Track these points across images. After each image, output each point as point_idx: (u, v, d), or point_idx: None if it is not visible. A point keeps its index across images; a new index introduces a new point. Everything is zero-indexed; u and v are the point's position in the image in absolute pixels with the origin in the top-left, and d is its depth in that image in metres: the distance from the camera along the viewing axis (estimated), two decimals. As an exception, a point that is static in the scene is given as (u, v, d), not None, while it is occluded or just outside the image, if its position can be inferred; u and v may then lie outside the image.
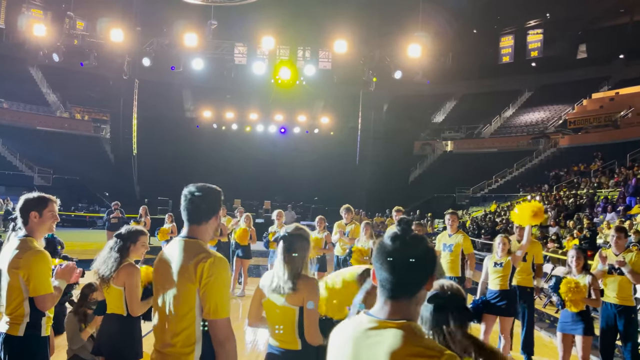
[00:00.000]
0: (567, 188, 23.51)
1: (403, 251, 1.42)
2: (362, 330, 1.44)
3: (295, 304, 2.62)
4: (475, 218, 23.47)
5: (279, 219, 8.50)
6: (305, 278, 2.65)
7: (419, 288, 1.43)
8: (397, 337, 1.35)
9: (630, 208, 15.49)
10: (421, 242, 1.45)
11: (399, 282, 1.41)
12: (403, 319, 1.39)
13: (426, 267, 1.44)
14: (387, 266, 1.42)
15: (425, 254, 1.44)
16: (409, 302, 1.42)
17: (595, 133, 29.85)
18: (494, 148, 33.71)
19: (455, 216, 6.92)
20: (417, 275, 1.42)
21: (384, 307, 1.44)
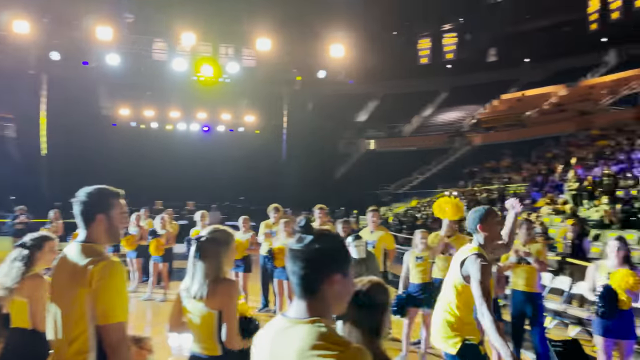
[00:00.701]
0: (481, 183, 24.94)
1: (301, 250, 1.44)
2: (278, 331, 1.47)
3: (214, 308, 2.57)
4: (398, 214, 24.27)
5: (203, 220, 8.29)
6: (223, 281, 2.61)
7: (319, 286, 1.43)
8: (304, 335, 1.37)
9: (536, 201, 16.70)
10: (320, 240, 1.45)
11: (301, 281, 1.44)
12: (312, 317, 1.41)
13: (327, 263, 1.44)
14: (291, 266, 1.46)
15: (326, 250, 1.44)
16: (316, 299, 1.44)
17: (505, 132, 31.89)
18: (414, 146, 35.03)
19: (377, 213, 7.07)
20: (314, 273, 1.43)
21: (296, 306, 1.47)
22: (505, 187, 21.76)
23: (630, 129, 22.08)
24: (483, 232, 3.24)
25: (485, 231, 3.24)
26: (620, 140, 20.74)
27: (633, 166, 15.62)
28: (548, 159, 23.78)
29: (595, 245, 10.19)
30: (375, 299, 1.89)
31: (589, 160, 19.21)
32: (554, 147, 25.72)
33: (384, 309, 1.92)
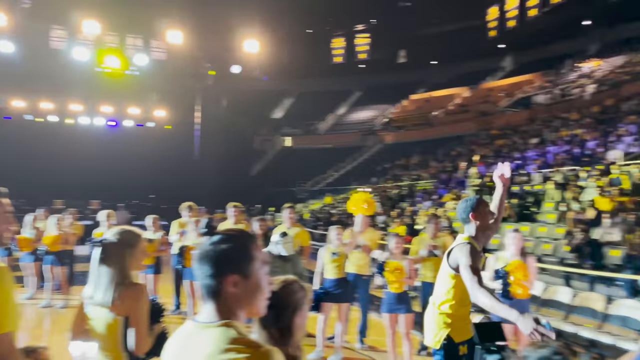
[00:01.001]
0: (392, 180, 25.89)
1: (203, 252, 1.42)
2: (187, 336, 1.43)
3: (119, 314, 2.43)
4: (313, 211, 24.53)
5: (108, 220, 7.82)
6: (129, 286, 2.47)
7: (220, 288, 1.40)
8: (213, 339, 1.34)
9: (442, 197, 17.63)
10: (220, 241, 1.42)
11: (204, 283, 1.41)
12: (221, 320, 1.39)
13: (221, 265, 1.41)
14: (198, 269, 1.43)
15: (219, 252, 1.41)
16: (221, 302, 1.41)
17: (414, 131, 33.36)
18: (329, 144, 35.57)
19: (292, 210, 7.10)
20: (214, 275, 1.40)
21: (204, 310, 1.44)
22: (414, 184, 22.75)
23: (523, 129, 23.99)
24: (475, 221, 3.24)
25: (478, 219, 3.23)
26: (516, 139, 22.45)
27: (527, 164, 16.97)
28: (453, 157, 25.19)
29: (494, 237, 10.93)
30: (284, 299, 1.85)
31: (489, 158, 20.60)
32: (458, 146, 27.29)
33: (295, 309, 1.88)
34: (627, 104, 19.23)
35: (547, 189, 12.76)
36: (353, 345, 6.38)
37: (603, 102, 21.81)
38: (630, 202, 9.64)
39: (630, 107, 18.59)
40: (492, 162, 19.65)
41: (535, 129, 22.77)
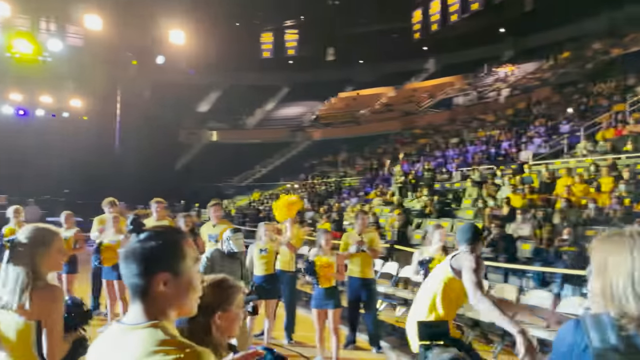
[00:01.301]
0: (320, 176, 26.14)
1: (129, 250, 1.36)
2: (112, 339, 1.35)
3: (30, 318, 2.24)
4: (241, 207, 24.23)
5: (17, 217, 7.24)
6: (42, 287, 2.28)
7: (148, 287, 1.33)
8: (140, 341, 1.27)
9: (368, 194, 18.05)
10: (148, 238, 1.36)
11: (132, 283, 1.35)
12: (150, 321, 1.32)
13: (149, 263, 1.34)
14: (122, 267, 1.37)
15: (147, 250, 1.34)
16: (150, 302, 1.34)
17: (342, 128, 33.89)
18: (257, 139, 35.26)
19: (219, 206, 6.95)
20: (141, 273, 1.34)
21: (132, 311, 1.36)
22: (341, 180, 23.11)
23: (445, 129, 25.11)
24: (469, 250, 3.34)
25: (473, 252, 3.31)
26: (437, 139, 23.45)
27: (447, 162, 17.78)
28: (378, 155, 25.87)
29: (417, 233, 11.36)
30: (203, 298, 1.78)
31: (412, 156, 21.36)
32: (383, 144, 28.06)
33: (214, 309, 1.82)
34: (537, 108, 20.68)
35: (466, 187, 13.44)
36: (281, 341, 6.36)
37: (516, 105, 23.31)
38: (539, 200, 10.38)
39: (540, 111, 20.01)
40: (415, 160, 20.40)
41: (455, 129, 23.92)
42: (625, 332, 1.30)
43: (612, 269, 1.36)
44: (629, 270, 1.33)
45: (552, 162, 13.32)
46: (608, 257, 1.38)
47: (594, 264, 1.42)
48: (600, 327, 1.33)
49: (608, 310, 1.35)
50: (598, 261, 1.40)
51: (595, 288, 1.40)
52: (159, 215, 7.13)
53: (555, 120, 17.55)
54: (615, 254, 1.37)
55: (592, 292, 1.42)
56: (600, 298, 1.38)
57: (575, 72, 24.04)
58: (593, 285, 1.41)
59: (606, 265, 1.38)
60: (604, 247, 1.42)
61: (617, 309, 1.33)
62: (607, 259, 1.38)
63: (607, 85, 18.98)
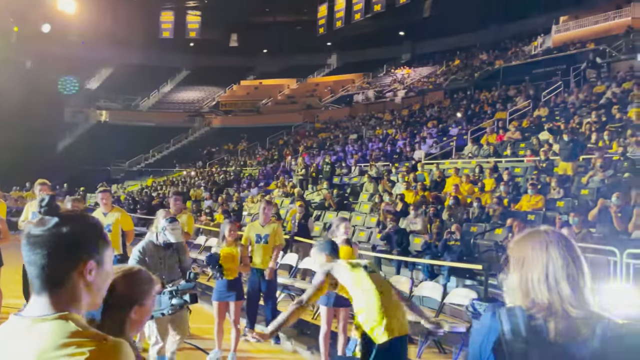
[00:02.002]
0: (219, 165, 25.57)
1: (43, 235, 1.20)
2: (8, 335, 1.19)
3: None
4: (131, 192, 22.96)
5: None
6: None
7: (66, 276, 1.22)
8: (47, 333, 1.15)
9: (269, 185, 18.02)
10: (68, 223, 1.24)
11: (43, 272, 1.20)
12: (57, 312, 1.19)
13: (76, 249, 1.23)
14: (32, 252, 1.20)
15: (75, 234, 1.23)
16: (62, 292, 1.21)
17: (243, 116, 33.42)
18: (151, 122, 33.55)
19: (108, 193, 6.47)
20: (60, 261, 1.21)
21: (34, 304, 1.21)
22: (241, 170, 22.81)
23: (344, 125, 25.80)
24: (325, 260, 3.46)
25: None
26: (338, 133, 24.03)
27: (346, 157, 18.28)
28: (280, 146, 25.91)
29: (316, 225, 11.56)
30: (121, 289, 1.65)
31: (313, 150, 21.67)
32: (285, 135, 28.15)
33: (132, 303, 1.70)
34: (430, 111, 21.99)
35: (363, 182, 13.92)
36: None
37: (411, 106, 24.59)
38: (430, 197, 11.06)
39: (432, 114, 21.31)
40: (316, 153, 20.73)
41: (355, 125, 24.66)
42: (534, 322, 1.41)
43: (528, 264, 1.47)
44: (543, 264, 1.45)
45: (442, 162, 14.26)
46: (526, 254, 1.49)
47: (512, 260, 1.52)
48: (513, 318, 1.43)
49: (521, 303, 1.46)
50: (517, 258, 1.51)
51: (512, 282, 1.50)
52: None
53: (445, 123, 18.79)
54: (531, 251, 1.49)
55: (508, 286, 1.52)
56: (516, 291, 1.49)
57: (464, 79, 25.91)
58: (510, 280, 1.51)
59: (523, 261, 1.49)
60: (522, 245, 1.52)
61: (530, 300, 1.45)
62: (524, 256, 1.49)
63: (491, 94, 20.71)
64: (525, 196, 9.52)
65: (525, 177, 10.88)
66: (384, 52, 35.99)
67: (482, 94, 21.26)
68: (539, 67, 21.62)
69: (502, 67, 24.48)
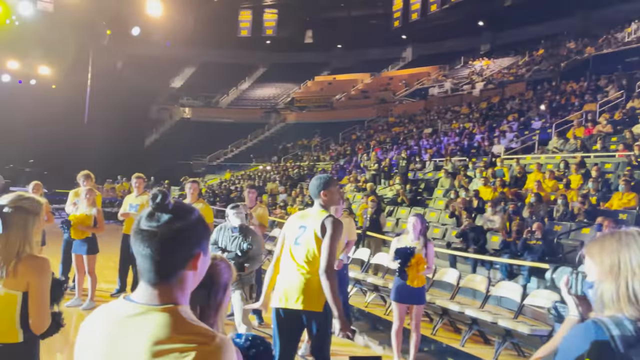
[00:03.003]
0: (292, 159, 26.03)
1: (156, 232, 1.23)
2: (119, 318, 1.23)
3: (16, 289, 2.19)
4: (211, 186, 23.97)
5: (-17, 186, 6.97)
6: (29, 258, 2.22)
7: (180, 268, 1.25)
8: (161, 324, 1.18)
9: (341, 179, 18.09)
10: (186, 215, 1.27)
11: (156, 266, 1.23)
12: (168, 304, 1.22)
13: (188, 243, 1.26)
14: (144, 246, 1.23)
15: (187, 229, 1.26)
16: (172, 284, 1.25)
17: (316, 112, 33.74)
18: (230, 118, 34.79)
19: (196, 184, 6.90)
20: (173, 256, 1.24)
21: (145, 291, 1.25)
22: (314, 165, 23.07)
23: (419, 118, 25.29)
24: (324, 197, 3.39)
25: (326, 196, 3.40)
26: (412, 128, 23.61)
27: (421, 152, 17.93)
28: (352, 141, 25.90)
29: (389, 220, 11.47)
30: (215, 278, 1.76)
31: (386, 144, 21.47)
32: (358, 130, 28.09)
33: (225, 287, 1.81)
34: (510, 103, 21.02)
35: (438, 177, 13.60)
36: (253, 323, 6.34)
37: (490, 99, 23.63)
38: (509, 193, 10.59)
39: (513, 106, 20.35)
40: (388, 148, 20.52)
41: (430, 119, 24.11)
42: None
43: (625, 268, 1.33)
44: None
45: (523, 157, 13.60)
46: (620, 259, 1.35)
47: (601, 265, 1.38)
48: (622, 328, 1.28)
49: (624, 313, 1.31)
50: (609, 262, 1.36)
51: (606, 290, 1.35)
52: (139, 190, 7.09)
53: (527, 116, 17.88)
54: (627, 254, 1.34)
55: (601, 294, 1.36)
56: (614, 300, 1.33)
57: (549, 69, 24.50)
58: (603, 288, 1.36)
59: (619, 266, 1.34)
60: (611, 249, 1.38)
61: (635, 309, 1.30)
62: (618, 261, 1.35)
63: (579, 84, 19.43)
64: (616, 194, 8.87)
65: (616, 174, 10.12)
66: (461, 43, 34.82)
67: (568, 85, 19.98)
68: (633, 55, 19.95)
69: (591, 55, 22.87)
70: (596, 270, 1.40)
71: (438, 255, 9.28)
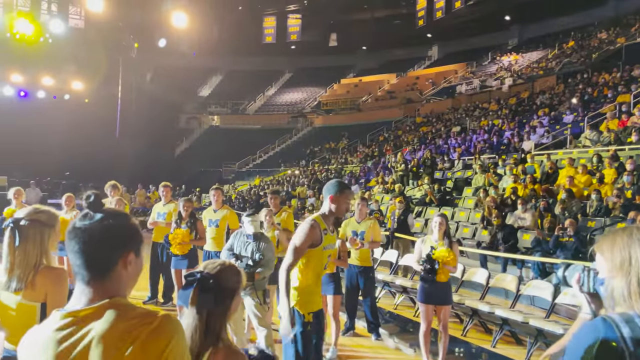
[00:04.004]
0: (320, 163, 26.07)
1: (90, 228, 1.31)
2: (58, 329, 1.27)
3: (34, 300, 2.24)
4: (241, 192, 24.22)
5: (18, 198, 7.23)
6: (47, 269, 2.28)
7: (111, 266, 1.31)
8: (105, 319, 1.24)
9: (369, 181, 18.02)
10: (113, 217, 1.34)
11: (89, 262, 1.30)
12: (104, 299, 1.28)
13: (117, 240, 1.33)
14: (75, 242, 1.31)
15: (116, 227, 1.33)
16: (107, 281, 1.31)
17: (343, 115, 33.72)
18: (258, 124, 35.15)
19: (220, 191, 6.95)
20: (107, 252, 1.31)
21: (82, 295, 1.31)
22: (342, 167, 23.05)
23: (447, 117, 24.96)
24: (332, 204, 3.39)
25: (334, 203, 3.39)
26: (440, 127, 23.33)
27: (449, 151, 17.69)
28: (380, 142, 25.77)
29: (417, 221, 11.34)
30: (222, 283, 1.80)
31: (414, 145, 21.27)
32: (385, 131, 27.93)
33: (232, 293, 1.84)
34: (540, 98, 20.53)
35: (467, 175, 13.38)
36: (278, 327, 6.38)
37: (519, 94, 23.14)
38: (541, 190, 10.34)
39: (543, 101, 19.87)
40: (416, 148, 20.33)
41: (458, 117, 23.77)
42: None
43: (637, 264, 1.29)
44: None
45: (554, 152, 13.25)
46: (630, 253, 1.31)
47: (612, 261, 1.34)
48: (632, 325, 1.24)
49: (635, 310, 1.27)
50: (620, 257, 1.32)
51: (616, 286, 1.31)
52: (166, 198, 7.22)
53: (558, 110, 17.43)
54: (637, 248, 1.30)
55: (611, 291, 1.33)
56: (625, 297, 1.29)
57: (580, 61, 23.84)
58: (614, 284, 1.32)
59: (630, 262, 1.30)
60: (623, 243, 1.33)
61: None
62: (629, 256, 1.31)
63: (612, 75, 18.83)
64: (653, 187, 8.55)
65: (653, 166, 9.74)
66: (488, 39, 34.27)
67: (600, 77, 19.39)
68: (668, 43, 19.26)
69: (624, 45, 22.14)
70: (607, 266, 1.36)
71: (468, 255, 9.13)
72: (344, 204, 3.43)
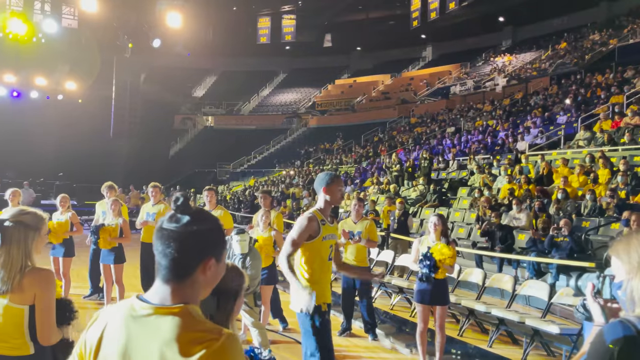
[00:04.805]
0: (315, 163, 26.07)
1: (176, 231, 1.29)
2: (133, 318, 1.29)
3: (22, 303, 2.21)
4: (236, 193, 24.18)
5: (14, 199, 7.17)
6: (33, 271, 2.24)
7: (192, 270, 1.31)
8: (173, 324, 1.23)
9: (364, 182, 18.04)
10: (198, 221, 1.32)
11: (172, 264, 1.29)
12: (179, 303, 1.28)
13: (202, 246, 1.32)
14: (163, 244, 1.30)
15: (203, 232, 1.32)
16: (185, 285, 1.30)
17: (338, 115, 33.75)
18: (252, 125, 35.11)
19: (213, 192, 6.97)
20: (188, 256, 1.30)
21: (158, 289, 1.31)
22: (337, 168, 23.07)
23: (441, 118, 25.04)
24: (326, 195, 3.47)
25: (328, 194, 3.46)
26: (434, 127, 23.39)
27: (444, 152, 17.75)
28: (375, 143, 25.80)
29: (413, 221, 11.36)
30: (227, 285, 1.80)
31: (408, 145, 21.32)
32: (380, 132, 27.97)
33: (236, 295, 1.84)
34: (534, 98, 20.64)
35: (462, 176, 13.43)
36: (277, 327, 6.38)
37: (513, 95, 23.25)
38: (535, 190, 10.39)
39: (537, 101, 19.98)
40: (411, 148, 20.37)
41: (452, 118, 23.85)
42: None
43: None
44: None
45: (548, 152, 13.33)
46: None
47: (629, 262, 1.34)
48: None
49: None
50: (637, 257, 1.33)
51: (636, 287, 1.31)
52: (155, 199, 7.21)
53: (552, 111, 17.53)
54: None
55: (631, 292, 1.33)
56: None
57: (574, 63, 23.99)
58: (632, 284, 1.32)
59: None
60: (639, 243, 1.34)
61: None
62: None
63: (605, 76, 18.97)
64: (646, 187, 8.62)
65: (646, 167, 9.83)
66: (482, 40, 34.43)
67: (594, 78, 19.53)
68: (660, 44, 19.43)
69: (617, 46, 22.31)
70: (624, 268, 1.37)
71: (464, 255, 9.16)
72: (337, 192, 3.52)
